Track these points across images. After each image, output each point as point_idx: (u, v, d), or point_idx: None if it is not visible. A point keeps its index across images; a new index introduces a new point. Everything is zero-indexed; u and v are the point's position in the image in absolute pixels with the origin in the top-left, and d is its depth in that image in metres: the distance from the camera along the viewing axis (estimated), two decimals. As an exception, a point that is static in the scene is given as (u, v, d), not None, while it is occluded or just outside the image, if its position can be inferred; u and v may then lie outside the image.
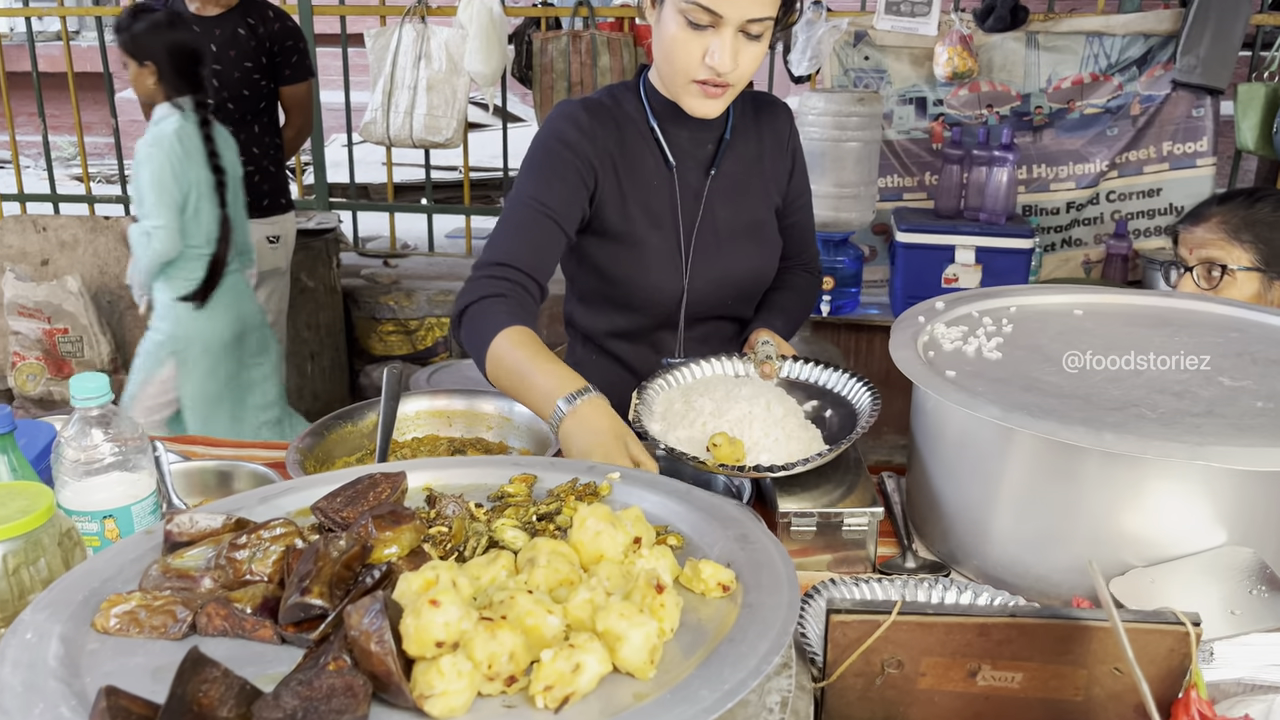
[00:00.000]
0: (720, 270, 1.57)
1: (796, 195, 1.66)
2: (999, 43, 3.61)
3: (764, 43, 1.39)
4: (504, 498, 0.93)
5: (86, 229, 4.27)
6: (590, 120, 1.48)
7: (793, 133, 1.65)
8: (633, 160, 1.51)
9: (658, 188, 1.52)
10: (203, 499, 1.37)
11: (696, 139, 1.54)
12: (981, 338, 1.32)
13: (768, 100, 1.64)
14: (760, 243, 1.61)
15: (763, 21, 1.35)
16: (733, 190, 1.57)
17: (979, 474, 1.20)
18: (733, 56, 1.35)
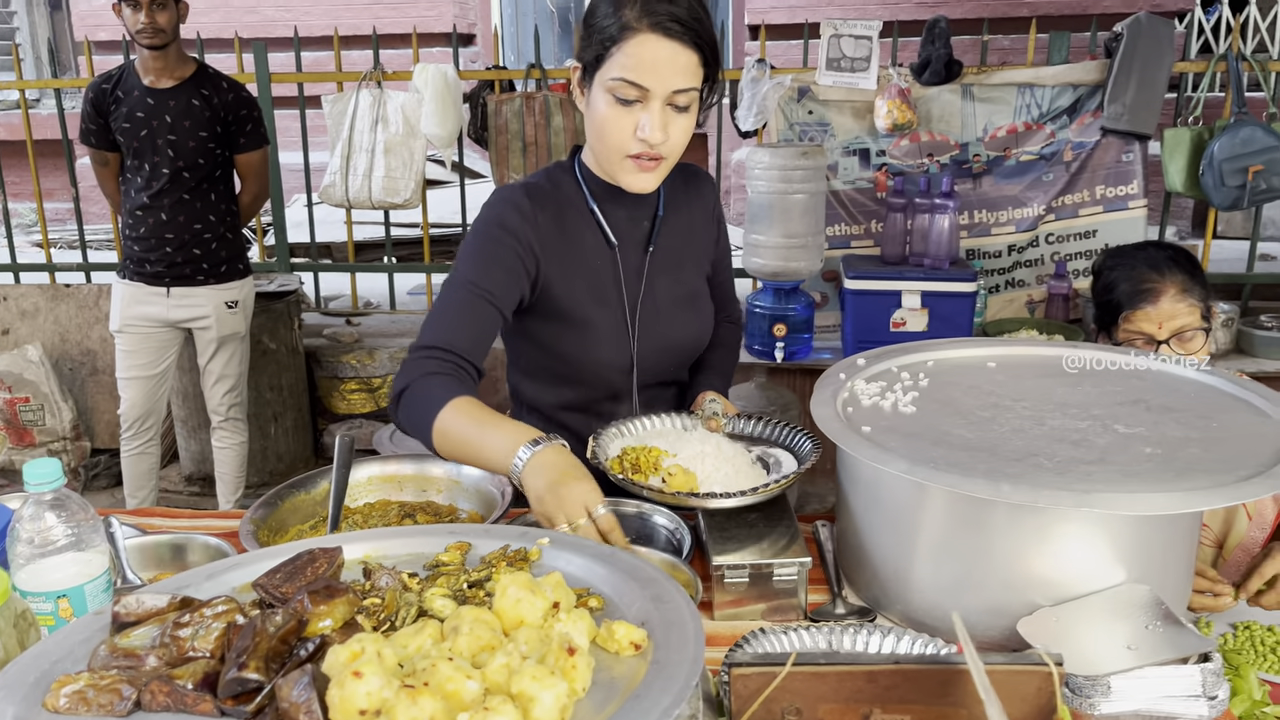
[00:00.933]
0: (663, 341, 1.63)
1: (721, 256, 1.75)
2: (936, 95, 3.75)
3: (692, 114, 1.45)
4: (438, 566, 0.99)
5: (47, 297, 4.30)
6: (531, 205, 1.52)
7: (716, 200, 1.73)
8: (575, 241, 1.56)
9: (601, 267, 1.57)
10: (158, 573, 1.41)
11: (634, 217, 1.60)
12: (898, 392, 1.40)
13: (692, 171, 1.71)
14: (698, 311, 1.68)
15: (688, 92, 1.40)
16: (670, 264, 1.63)
17: (897, 524, 1.27)
18: (663, 128, 1.40)
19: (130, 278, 3.35)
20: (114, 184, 3.41)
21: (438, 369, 1.42)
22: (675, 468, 1.42)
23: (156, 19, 3.14)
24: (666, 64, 1.36)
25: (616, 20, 1.38)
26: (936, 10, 5.62)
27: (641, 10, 1.36)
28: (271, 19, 6.50)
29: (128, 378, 3.41)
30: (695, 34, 1.38)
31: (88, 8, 6.84)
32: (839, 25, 3.74)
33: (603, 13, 1.41)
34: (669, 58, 1.36)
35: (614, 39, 1.38)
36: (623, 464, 1.46)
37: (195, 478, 4.02)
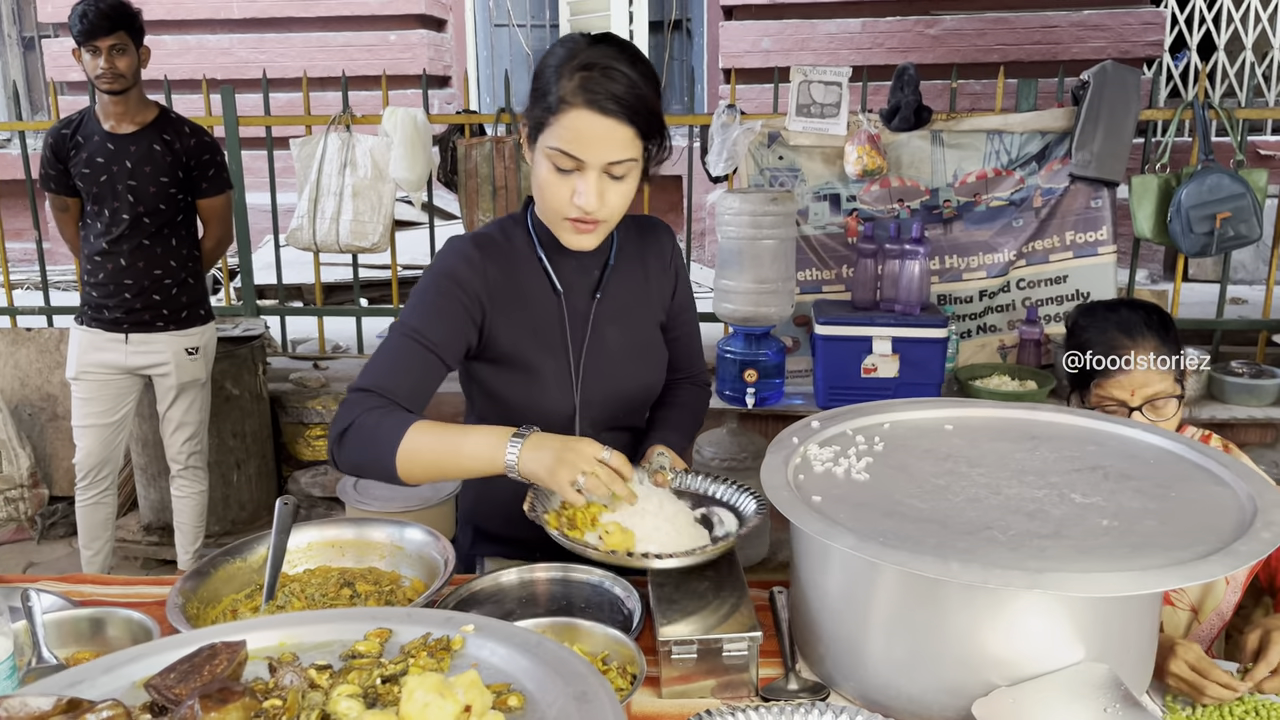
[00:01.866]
0: (610, 388, 1.63)
1: (681, 310, 1.74)
2: (906, 141, 3.75)
3: (632, 178, 1.47)
4: (353, 658, 0.93)
5: (8, 341, 4.22)
6: (480, 256, 1.54)
7: (675, 252, 1.73)
8: (522, 290, 1.57)
9: (547, 314, 1.59)
10: (75, 650, 1.34)
11: (582, 266, 1.61)
12: (852, 458, 1.35)
13: (650, 224, 1.72)
14: (647, 360, 1.68)
15: (624, 163, 1.42)
16: (619, 313, 1.64)
17: (850, 598, 1.22)
18: (598, 197, 1.42)
19: (88, 324, 3.29)
20: (74, 229, 3.36)
21: (379, 404, 1.43)
22: (613, 525, 1.39)
23: (116, 64, 3.11)
24: (601, 139, 1.39)
25: (556, 92, 1.40)
26: (907, 56, 5.68)
27: (579, 85, 1.38)
28: (244, 60, 6.48)
29: (84, 425, 3.33)
30: (631, 110, 1.39)
31: (60, 49, 6.81)
32: (808, 71, 3.75)
33: (546, 80, 1.43)
34: (604, 133, 1.39)
35: (552, 110, 1.40)
36: (559, 519, 1.44)
37: (154, 527, 3.93)
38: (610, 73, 1.39)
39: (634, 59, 1.43)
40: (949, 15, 5.75)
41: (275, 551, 1.51)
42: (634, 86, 1.39)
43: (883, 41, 5.85)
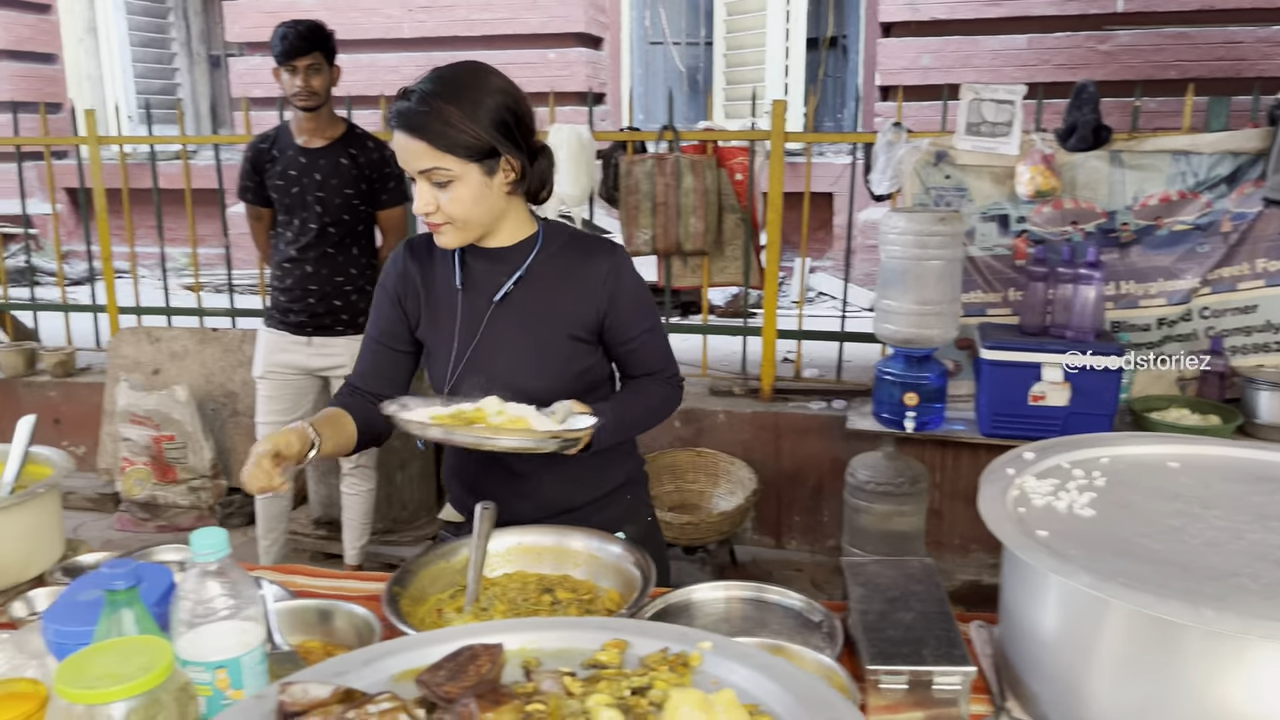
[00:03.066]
0: (488, 385, 1.71)
1: (625, 326, 1.79)
2: (1082, 161, 3.61)
3: (460, 188, 1.61)
4: (597, 667, 0.96)
5: (196, 340, 4.50)
6: (405, 254, 1.82)
7: (612, 274, 1.76)
8: (433, 283, 1.79)
9: (447, 304, 1.78)
10: (304, 638, 1.42)
11: (494, 270, 1.76)
12: (1073, 492, 1.31)
13: (593, 245, 1.80)
14: (542, 365, 1.76)
15: (436, 171, 1.58)
16: (518, 318, 1.76)
17: (1074, 639, 1.18)
18: (429, 202, 1.61)
19: (275, 326, 3.48)
20: (265, 237, 3.57)
21: (344, 402, 1.79)
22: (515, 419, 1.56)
23: (311, 82, 3.29)
24: (404, 151, 1.59)
25: None
26: (1076, 73, 5.47)
27: (393, 108, 1.59)
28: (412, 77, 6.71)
29: (266, 422, 3.53)
30: (420, 129, 1.56)
31: (244, 67, 7.25)
32: (980, 89, 3.66)
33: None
34: (403, 146, 1.59)
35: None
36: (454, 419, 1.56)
37: (323, 521, 4.12)
38: (408, 93, 1.59)
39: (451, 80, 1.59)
40: (1124, 30, 5.52)
41: (476, 558, 1.56)
42: (424, 103, 1.56)
43: (1050, 58, 5.66)
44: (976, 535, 3.98)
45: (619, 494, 1.91)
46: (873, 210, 5.89)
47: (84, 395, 4.74)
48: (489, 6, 6.69)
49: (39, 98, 7.65)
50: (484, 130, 1.58)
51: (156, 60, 8.16)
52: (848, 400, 4.12)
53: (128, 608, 1.08)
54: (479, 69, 1.66)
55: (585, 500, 1.84)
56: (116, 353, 4.57)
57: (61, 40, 7.96)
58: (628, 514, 1.90)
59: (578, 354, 1.78)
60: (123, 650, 1.00)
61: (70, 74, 8.02)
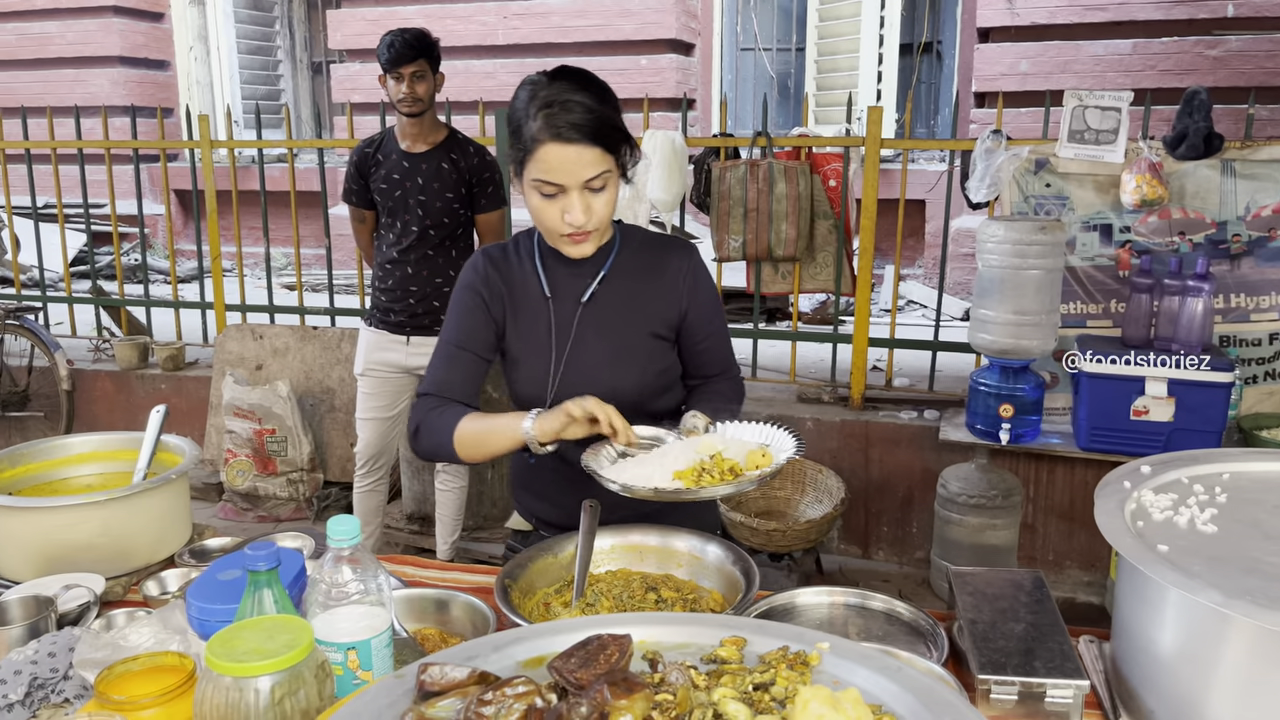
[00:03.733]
0: (589, 386, 1.71)
1: (702, 324, 1.83)
2: (1191, 170, 3.52)
3: (611, 188, 1.62)
4: (718, 662, 0.98)
5: (297, 337, 4.66)
6: (485, 264, 1.80)
7: (690, 273, 1.80)
8: (520, 294, 1.79)
9: (538, 313, 1.79)
10: (420, 625, 1.47)
11: (576, 274, 1.77)
12: (1194, 508, 1.29)
13: (669, 243, 1.83)
14: (628, 365, 1.78)
15: (599, 177, 1.59)
16: (605, 319, 1.77)
17: (1193, 656, 1.16)
18: (584, 211, 1.60)
19: (375, 325, 3.59)
20: (368, 239, 3.68)
21: (436, 404, 1.75)
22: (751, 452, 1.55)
23: (416, 89, 3.38)
24: (573, 163, 1.56)
25: (527, 132, 1.58)
26: (1183, 80, 5.32)
27: (544, 124, 1.55)
28: (506, 83, 6.89)
29: (366, 418, 3.64)
30: (592, 133, 1.56)
31: (345, 74, 7.47)
32: (1084, 96, 3.58)
33: (517, 121, 1.61)
34: (574, 158, 1.56)
35: (528, 148, 1.58)
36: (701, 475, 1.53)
37: (415, 516, 4.22)
38: (568, 105, 1.56)
39: (586, 84, 1.60)
40: (1235, 35, 5.34)
41: (583, 553, 1.59)
42: (590, 111, 1.56)
43: (1156, 64, 5.50)
44: (1071, 551, 3.89)
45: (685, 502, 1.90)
46: (966, 218, 5.80)
47: (192, 388, 4.94)
48: (582, 13, 6.79)
49: (152, 102, 8.01)
50: (619, 120, 1.61)
51: (262, 67, 8.47)
52: (940, 410, 4.07)
53: (268, 588, 1.14)
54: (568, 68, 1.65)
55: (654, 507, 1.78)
56: (222, 348, 4.76)
57: (174, 47, 8.32)
58: (693, 518, 1.87)
59: (659, 352, 1.81)
60: (267, 628, 1.05)
61: (181, 80, 8.37)
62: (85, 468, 1.91)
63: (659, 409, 1.84)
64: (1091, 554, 3.85)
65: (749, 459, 1.54)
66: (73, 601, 1.49)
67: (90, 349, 5.34)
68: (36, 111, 6.13)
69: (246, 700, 0.99)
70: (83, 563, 1.64)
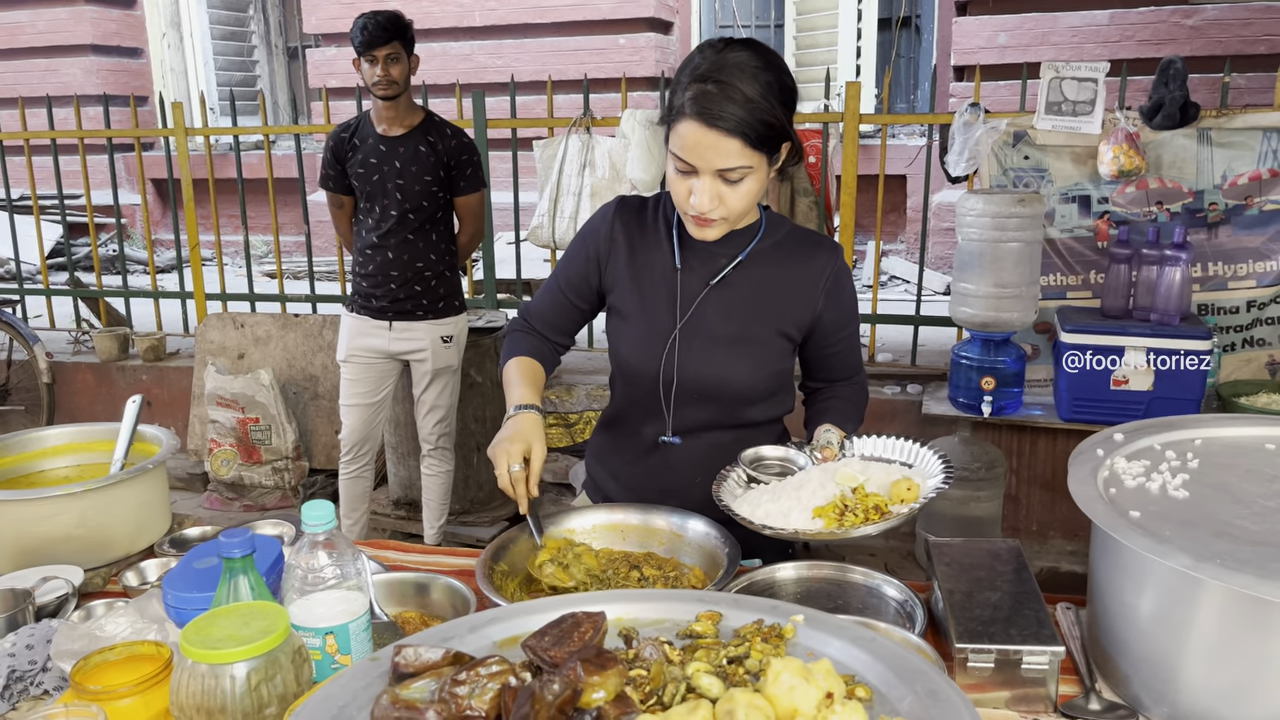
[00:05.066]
0: (697, 367, 1.69)
1: (834, 330, 1.74)
2: (1168, 139, 3.53)
3: (750, 183, 1.51)
4: (693, 637, 0.98)
5: (279, 325, 4.63)
6: (616, 212, 1.74)
7: (832, 275, 1.70)
8: (647, 252, 1.72)
9: (661, 281, 1.71)
10: (400, 609, 1.48)
11: (712, 251, 1.68)
12: (1165, 474, 1.30)
13: (816, 241, 1.73)
14: (743, 356, 1.70)
15: (737, 170, 1.48)
16: (731, 305, 1.69)
17: (1166, 620, 1.17)
18: (711, 199, 1.51)
19: (357, 311, 3.57)
20: (347, 225, 3.66)
21: (521, 327, 1.82)
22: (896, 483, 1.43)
23: (390, 72, 3.35)
24: (710, 148, 1.47)
25: (678, 98, 1.49)
26: (1160, 49, 5.32)
27: (694, 97, 1.46)
28: (484, 65, 6.85)
29: (349, 404, 3.62)
30: (739, 123, 1.45)
31: (321, 58, 7.41)
32: (1060, 67, 3.58)
33: (676, 83, 1.53)
34: (712, 143, 1.46)
35: (673, 116, 1.50)
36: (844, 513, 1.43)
37: (402, 502, 4.22)
38: (724, 87, 1.45)
39: (758, 69, 1.47)
40: (1211, 4, 5.34)
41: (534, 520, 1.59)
42: (746, 101, 1.45)
43: (1133, 34, 5.50)
44: (1054, 521, 3.92)
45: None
46: (947, 192, 5.81)
47: (174, 379, 4.92)
48: (559, -8, 6.74)
49: (126, 90, 7.93)
50: (782, 115, 1.49)
51: (237, 53, 8.39)
52: (923, 385, 4.09)
53: (244, 574, 1.14)
54: (749, 44, 1.52)
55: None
56: (203, 338, 4.73)
57: (147, 34, 8.23)
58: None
59: (781, 352, 1.73)
60: (243, 614, 1.05)
61: (155, 67, 8.28)
62: (62, 459, 1.89)
63: (761, 416, 1.77)
64: (1074, 523, 3.88)
65: (893, 491, 1.42)
66: (51, 593, 1.49)
67: (70, 341, 5.30)
68: (8, 103, 6.06)
69: (223, 687, 0.99)
70: (61, 555, 1.63)
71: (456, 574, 1.57)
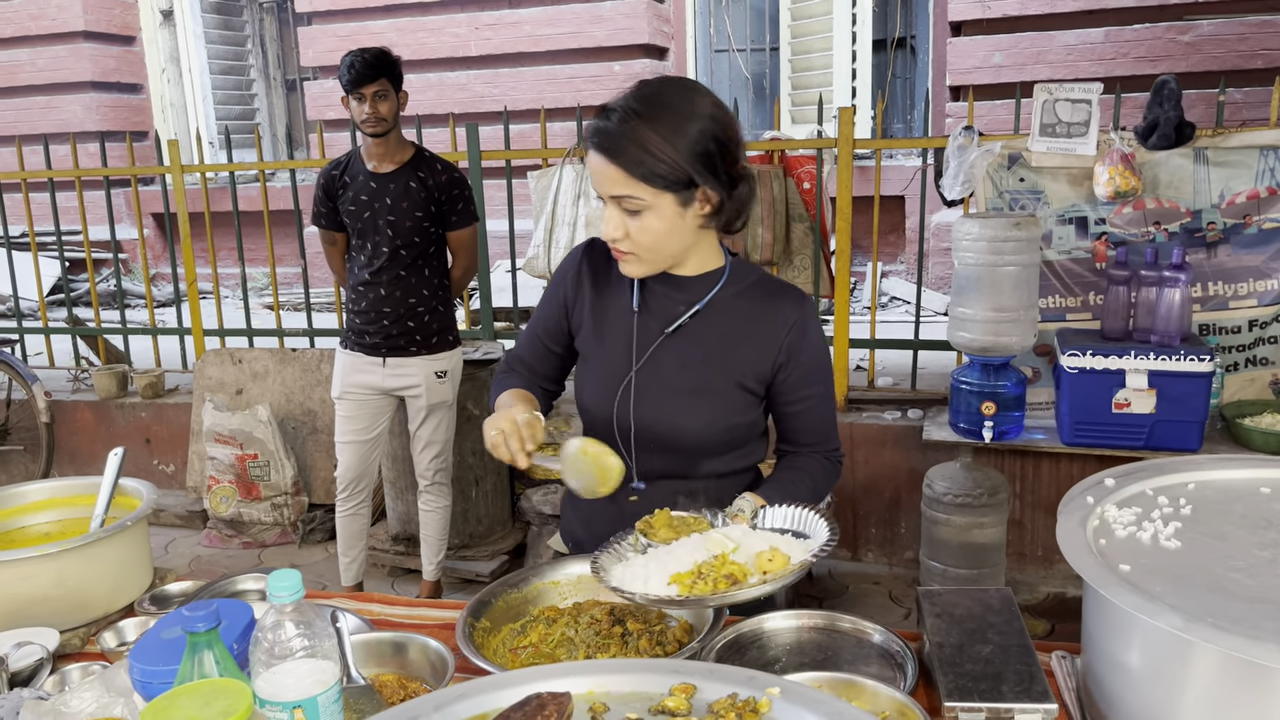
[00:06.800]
0: (651, 413, 1.66)
1: (797, 386, 1.68)
2: (1164, 159, 3.50)
3: (650, 219, 1.52)
4: (666, 713, 0.95)
5: (276, 360, 4.62)
6: (589, 252, 1.76)
7: (797, 326, 1.65)
8: (610, 295, 1.73)
9: (620, 324, 1.71)
10: (378, 670, 1.44)
11: (671, 297, 1.68)
12: (1158, 522, 1.26)
13: (781, 290, 1.69)
14: (698, 405, 1.66)
15: (629, 200, 1.51)
16: (688, 352, 1.67)
17: (1159, 677, 1.13)
18: (616, 227, 1.55)
19: (351, 348, 3.56)
20: (340, 261, 3.65)
21: (505, 370, 1.84)
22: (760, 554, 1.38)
23: (379, 109, 3.35)
24: (599, 174, 1.52)
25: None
26: (1156, 66, 5.31)
27: (592, 127, 1.52)
28: (480, 94, 6.86)
29: (345, 441, 3.60)
30: (616, 153, 1.48)
31: (319, 90, 7.44)
32: (1054, 89, 3.56)
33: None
34: (599, 169, 1.52)
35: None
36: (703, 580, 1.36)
37: (401, 537, 4.19)
38: (614, 115, 1.49)
39: (649, 104, 1.49)
40: (1206, 20, 5.32)
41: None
42: (630, 133, 1.47)
43: (1129, 51, 5.49)
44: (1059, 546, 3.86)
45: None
46: (946, 213, 5.78)
47: (173, 415, 4.90)
48: (553, 21, 6.76)
49: (127, 126, 7.97)
50: (684, 160, 1.48)
51: (235, 86, 8.43)
52: (923, 410, 4.05)
53: (208, 649, 1.11)
54: (687, 87, 1.54)
55: None
56: (201, 374, 4.72)
57: (146, 70, 8.27)
58: None
59: (741, 405, 1.68)
60: (204, 693, 1.03)
61: (155, 102, 8.32)
62: (42, 515, 1.87)
63: (725, 468, 1.72)
64: (1080, 548, 3.82)
65: (757, 562, 1.38)
66: (25, 659, 1.46)
67: (69, 379, 5.30)
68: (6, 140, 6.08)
69: (182, 771, 0.97)
70: (38, 616, 1.60)
71: (441, 628, 1.54)
